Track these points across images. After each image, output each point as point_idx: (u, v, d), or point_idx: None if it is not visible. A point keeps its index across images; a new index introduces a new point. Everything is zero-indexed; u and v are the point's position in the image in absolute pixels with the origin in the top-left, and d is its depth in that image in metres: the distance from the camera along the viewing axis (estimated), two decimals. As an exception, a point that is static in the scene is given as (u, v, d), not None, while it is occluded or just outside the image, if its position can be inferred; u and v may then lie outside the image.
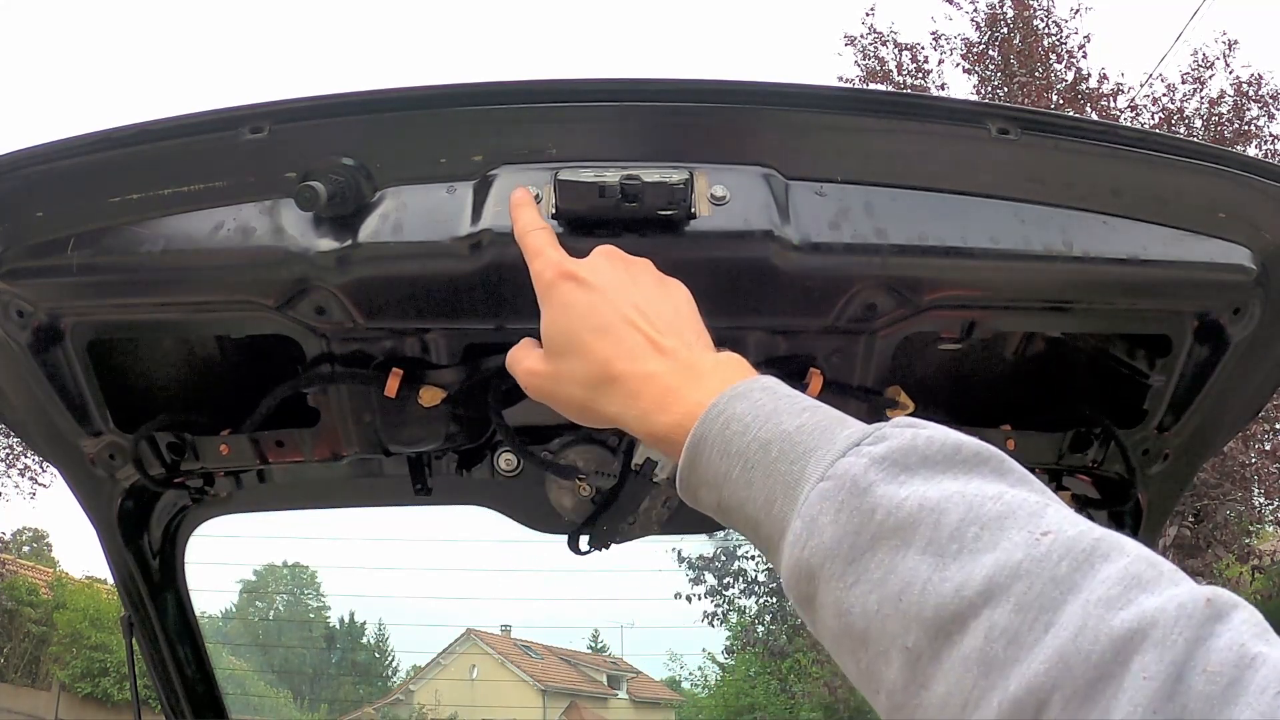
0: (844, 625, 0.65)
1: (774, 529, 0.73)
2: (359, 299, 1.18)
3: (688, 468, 0.80)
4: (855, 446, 0.69)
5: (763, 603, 17.90)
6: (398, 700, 28.78)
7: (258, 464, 1.53)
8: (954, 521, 0.62)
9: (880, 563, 0.64)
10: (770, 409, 0.77)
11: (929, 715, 0.60)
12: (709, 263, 1.14)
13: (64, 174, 1.18)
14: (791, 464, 0.72)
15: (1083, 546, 0.58)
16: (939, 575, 0.61)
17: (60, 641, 22.66)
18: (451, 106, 1.18)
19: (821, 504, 0.68)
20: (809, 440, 0.73)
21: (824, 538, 0.67)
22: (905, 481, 0.66)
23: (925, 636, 0.60)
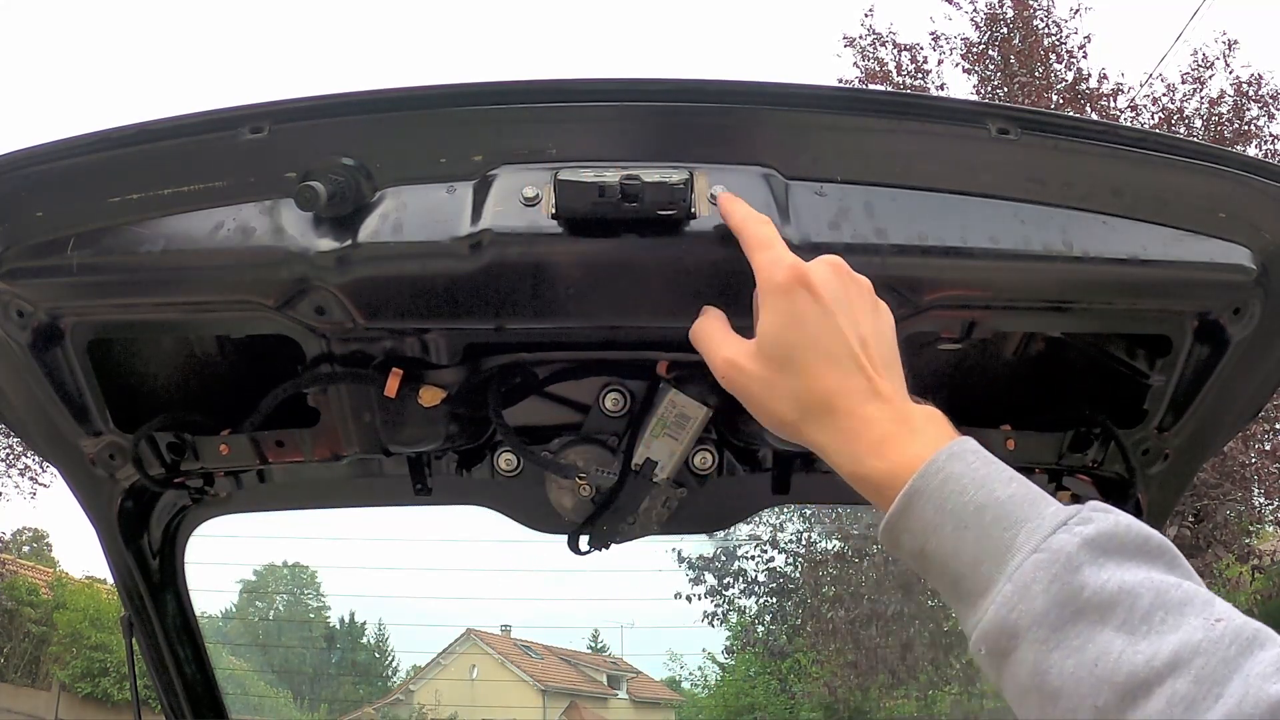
0: (1037, 682, 0.75)
1: (975, 587, 0.81)
2: (359, 299, 1.18)
3: (899, 515, 0.86)
4: (1064, 525, 0.78)
5: (763, 603, 17.89)
6: (398, 700, 28.77)
7: (258, 464, 1.53)
8: (1145, 605, 0.74)
9: (1080, 633, 0.74)
10: (984, 475, 0.84)
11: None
12: (709, 263, 1.14)
13: (64, 174, 1.18)
14: (1004, 531, 0.80)
15: (1246, 635, 0.71)
16: (1132, 649, 0.72)
17: (60, 641, 22.65)
18: (451, 106, 1.18)
19: (1035, 573, 0.77)
20: (1019, 511, 0.81)
21: (1035, 604, 0.76)
22: (1104, 565, 0.76)
23: (1115, 698, 0.71)
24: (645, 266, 1.15)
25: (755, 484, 1.65)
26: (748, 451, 1.58)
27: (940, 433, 0.90)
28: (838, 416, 0.92)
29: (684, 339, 1.41)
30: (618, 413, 1.48)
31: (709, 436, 1.51)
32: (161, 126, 1.16)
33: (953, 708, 17.51)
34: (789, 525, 16.92)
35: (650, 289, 1.18)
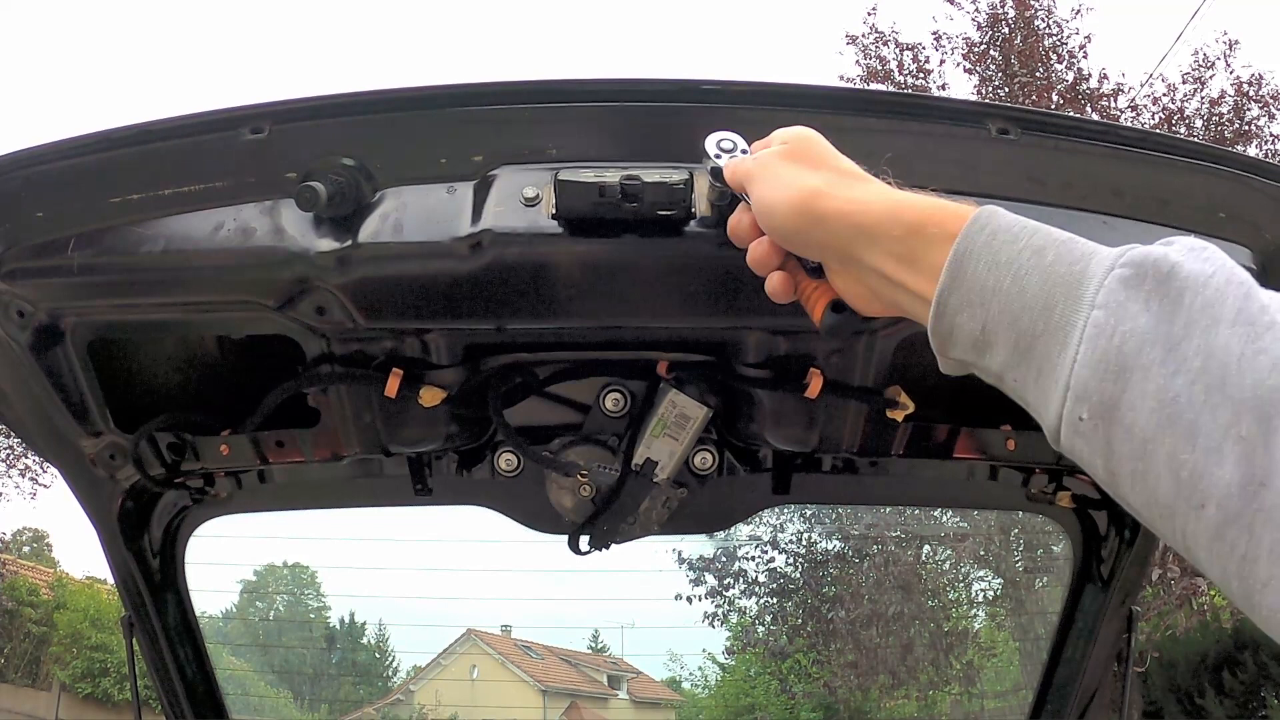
0: (1167, 419, 0.60)
1: (1054, 336, 0.66)
2: (359, 299, 1.18)
3: (948, 287, 0.74)
4: (1143, 246, 0.65)
5: (763, 603, 17.88)
6: (398, 700, 28.76)
7: (258, 464, 1.53)
8: (1264, 299, 0.60)
9: (1198, 348, 0.59)
10: (1035, 224, 0.72)
11: (1273, 520, 0.55)
12: (709, 263, 1.14)
13: (64, 174, 1.18)
14: (1072, 265, 0.67)
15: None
16: (1253, 347, 0.58)
17: (60, 642, 22.64)
18: (451, 106, 1.18)
19: (1125, 290, 0.63)
20: (1085, 247, 0.68)
21: (1138, 322, 0.62)
22: (1207, 260, 0.63)
23: (1255, 420, 0.56)
24: (645, 267, 1.15)
25: (755, 484, 1.65)
26: (748, 451, 1.58)
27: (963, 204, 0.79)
28: (872, 183, 0.85)
29: (684, 339, 1.41)
30: (618, 413, 1.48)
31: (709, 436, 1.51)
32: (162, 127, 1.16)
33: (953, 708, 17.50)
34: (789, 525, 16.92)
35: (650, 289, 1.18)
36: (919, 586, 15.90)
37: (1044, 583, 14.71)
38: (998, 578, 15.59)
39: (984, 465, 1.62)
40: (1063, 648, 1.84)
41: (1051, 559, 14.01)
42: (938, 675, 16.55)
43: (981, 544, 14.99)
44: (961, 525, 14.79)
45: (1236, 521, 0.56)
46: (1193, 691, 13.99)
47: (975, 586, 16.82)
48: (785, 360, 1.33)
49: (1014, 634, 16.34)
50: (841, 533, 16.45)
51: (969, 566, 16.02)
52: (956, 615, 16.74)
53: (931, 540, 16.08)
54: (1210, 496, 0.58)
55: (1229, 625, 12.36)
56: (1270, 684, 13.37)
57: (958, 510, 12.55)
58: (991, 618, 17.03)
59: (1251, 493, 0.56)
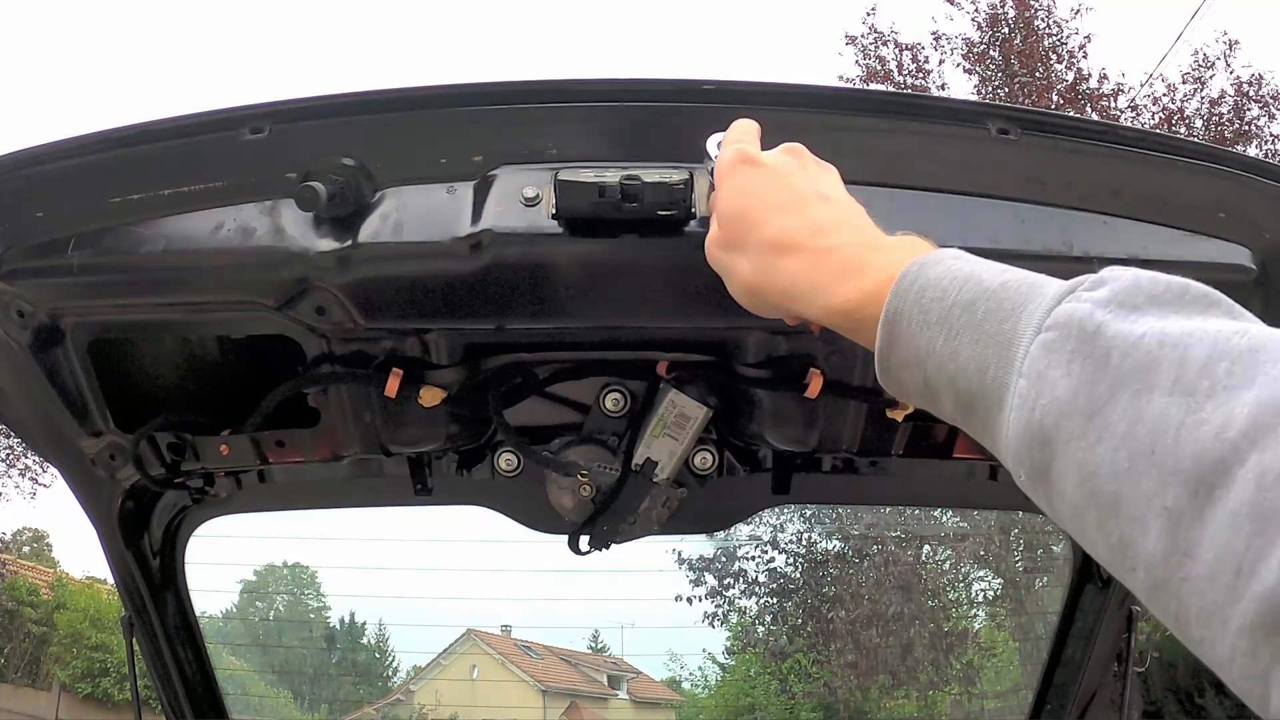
0: (1089, 492, 0.58)
1: (990, 399, 0.65)
2: (359, 299, 1.18)
3: (885, 348, 0.73)
4: (1071, 294, 0.62)
5: (763, 603, 17.89)
6: (398, 700, 28.76)
7: (258, 464, 1.53)
8: (1201, 357, 0.55)
9: (1124, 412, 0.56)
10: (967, 272, 0.70)
11: (1197, 589, 0.53)
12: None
13: (64, 174, 1.18)
14: (1001, 322, 0.65)
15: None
16: (1193, 418, 0.53)
17: (60, 642, 22.65)
18: (451, 106, 1.18)
19: (1047, 357, 0.61)
20: (1016, 296, 0.66)
21: (1057, 392, 0.60)
22: (1137, 320, 0.59)
23: (1186, 492, 0.52)
24: (645, 267, 1.15)
25: (755, 484, 1.65)
26: (748, 451, 1.58)
27: (914, 248, 0.76)
28: (797, 252, 0.83)
29: (684, 339, 1.41)
30: (618, 413, 1.48)
31: (709, 436, 1.51)
32: (162, 127, 1.16)
33: (953, 708, 17.51)
34: (789, 525, 16.92)
35: (650, 289, 1.18)
36: (919, 586, 15.90)
37: (1044, 583, 14.72)
38: (998, 578, 15.60)
39: (984, 465, 1.62)
40: (1063, 648, 1.84)
41: (1051, 559, 14.01)
42: (938, 675, 16.56)
43: (981, 544, 15.00)
44: (961, 525, 14.79)
45: (1164, 588, 0.55)
46: (1193, 691, 13.99)
47: (975, 586, 16.84)
48: (785, 360, 1.33)
49: (1014, 634, 16.35)
50: (841, 533, 16.45)
51: (969, 566, 16.03)
52: (956, 615, 16.75)
53: (931, 540, 16.08)
54: (1139, 563, 0.57)
55: (1229, 625, 12.35)
56: (1270, 684, 13.34)
57: (958, 510, 12.55)
58: (991, 618, 17.03)
59: (1176, 563, 0.54)
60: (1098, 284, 0.62)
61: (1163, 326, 0.58)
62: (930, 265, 0.72)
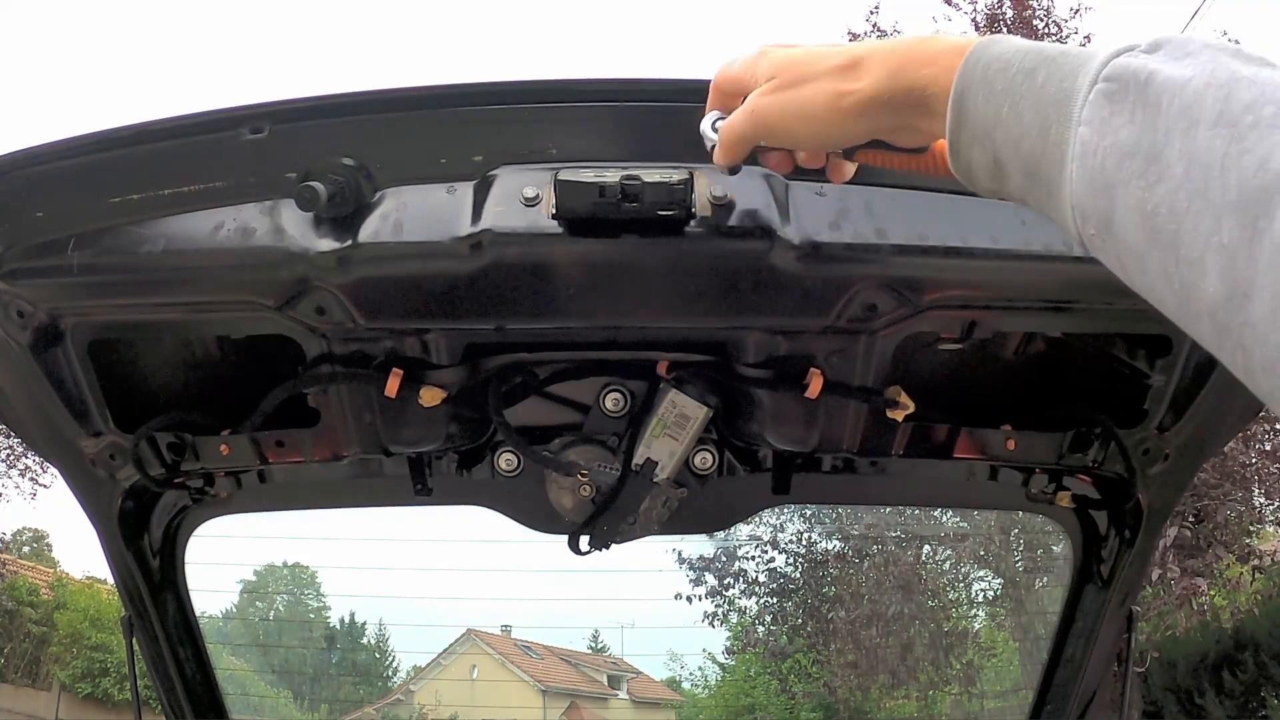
0: (1151, 232, 0.58)
1: (1054, 157, 0.66)
2: (359, 299, 1.18)
3: (956, 126, 0.74)
4: (1127, 50, 0.64)
5: (763, 603, 17.89)
6: (398, 700, 28.76)
7: (258, 464, 1.53)
8: (1246, 98, 0.56)
9: (1180, 153, 0.57)
10: (1029, 45, 0.71)
11: (1259, 334, 0.53)
12: (709, 263, 1.14)
13: (64, 174, 1.18)
14: (1061, 81, 0.66)
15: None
16: (1236, 148, 0.54)
17: (60, 642, 22.64)
18: (451, 106, 1.18)
19: (1109, 105, 0.62)
20: (1075, 59, 0.67)
21: (1119, 137, 0.61)
22: (1188, 64, 0.60)
23: (1238, 225, 0.53)
24: (645, 267, 1.15)
25: (755, 484, 1.65)
26: (748, 451, 1.58)
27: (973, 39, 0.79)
28: (871, 55, 0.83)
29: (684, 339, 1.40)
30: (618, 413, 1.48)
31: (709, 436, 1.51)
32: (162, 127, 1.16)
33: (953, 708, 17.51)
34: (789, 525, 16.92)
35: (650, 289, 1.18)
36: (919, 586, 15.89)
37: (1044, 583, 14.72)
38: (998, 578, 15.60)
39: (984, 465, 1.62)
40: (1063, 648, 1.84)
41: (1051, 559, 14.01)
42: (938, 675, 16.55)
43: (981, 544, 15.00)
44: (961, 525, 14.79)
45: (1228, 334, 0.56)
46: (1193, 691, 13.98)
47: (975, 586, 16.83)
48: (785, 360, 1.33)
49: (1014, 634, 16.35)
50: (841, 533, 16.45)
51: (969, 566, 16.02)
52: (956, 615, 16.74)
53: (931, 540, 16.08)
54: (1202, 309, 0.57)
55: (1229, 625, 12.36)
56: (1270, 684, 13.37)
57: (958, 510, 12.55)
58: (991, 618, 17.03)
59: (1237, 305, 0.54)
60: (1154, 43, 0.64)
61: (1212, 69, 0.59)
62: (994, 43, 0.74)
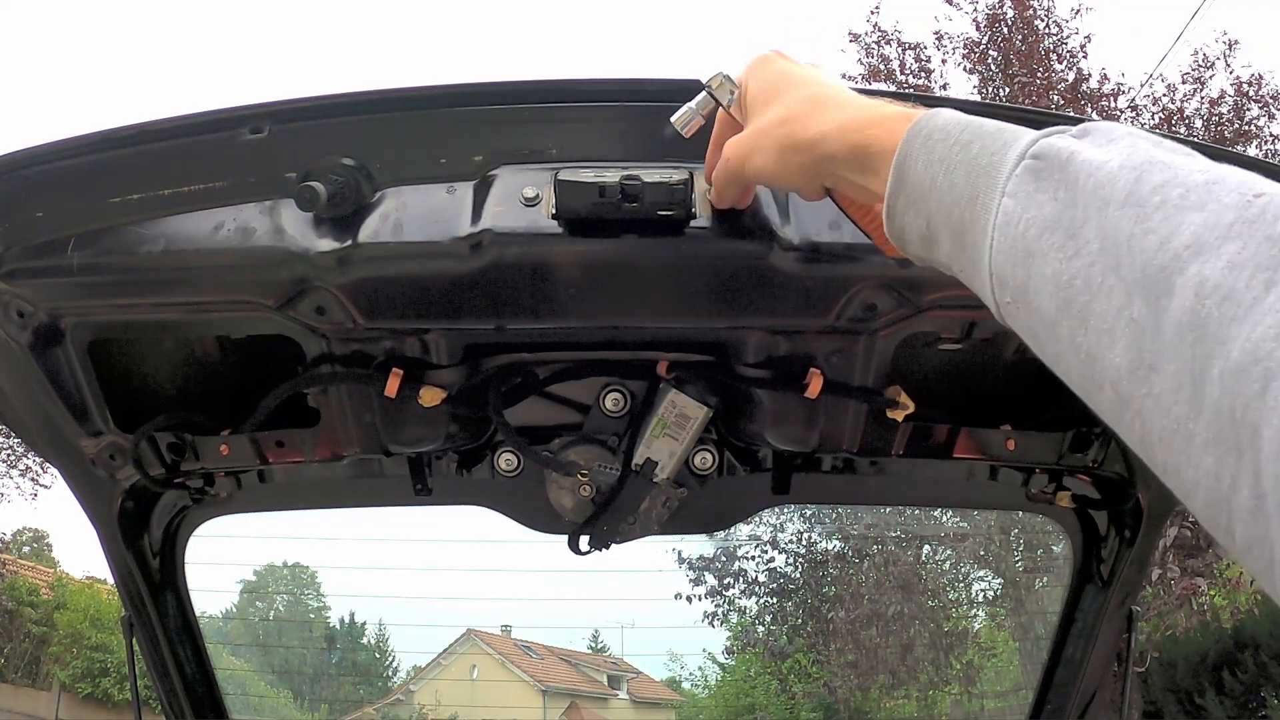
0: (1064, 301, 0.61)
1: (977, 226, 0.70)
2: (359, 299, 1.18)
3: (895, 190, 0.78)
4: (1057, 132, 0.67)
5: (763, 603, 17.89)
6: (398, 700, 28.75)
7: (258, 464, 1.53)
8: (1157, 180, 0.59)
9: (1094, 231, 0.60)
10: (969, 119, 0.76)
11: (1160, 405, 0.54)
12: (709, 263, 1.14)
13: (64, 174, 1.18)
14: (992, 155, 0.70)
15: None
16: (1141, 228, 0.57)
17: (60, 642, 22.64)
18: (451, 106, 1.18)
19: (1033, 179, 0.66)
20: (1009, 134, 0.71)
21: (1042, 210, 0.64)
22: (1109, 149, 0.64)
23: (1144, 302, 0.55)
24: (645, 267, 1.15)
25: (755, 484, 1.65)
26: (748, 451, 1.58)
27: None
28: (826, 103, 0.88)
29: (684, 339, 1.40)
30: (618, 413, 1.48)
31: (709, 436, 1.51)
32: (161, 127, 1.16)
33: (953, 708, 17.50)
34: (789, 525, 16.92)
35: (650, 289, 1.18)
36: (919, 586, 15.89)
37: (1044, 583, 14.71)
38: (998, 578, 15.59)
39: (984, 465, 1.62)
40: (1063, 648, 1.84)
41: (1051, 559, 14.01)
42: (938, 675, 16.55)
43: (981, 544, 14.99)
44: (961, 525, 14.79)
45: (1129, 405, 0.57)
46: (1193, 691, 13.98)
47: (975, 586, 16.83)
48: (785, 360, 1.33)
49: (1014, 634, 16.34)
50: (841, 533, 16.45)
51: (969, 566, 16.02)
52: (956, 615, 16.74)
53: (931, 540, 16.08)
54: (1106, 379, 0.59)
55: (1229, 625, 12.35)
56: (1270, 684, 13.37)
57: (958, 510, 12.55)
58: (991, 618, 17.03)
59: (1141, 377, 0.56)
60: (1083, 129, 0.67)
61: (1129, 153, 0.62)
62: (938, 114, 0.78)
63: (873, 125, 0.83)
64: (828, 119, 0.87)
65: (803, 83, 0.93)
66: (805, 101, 0.90)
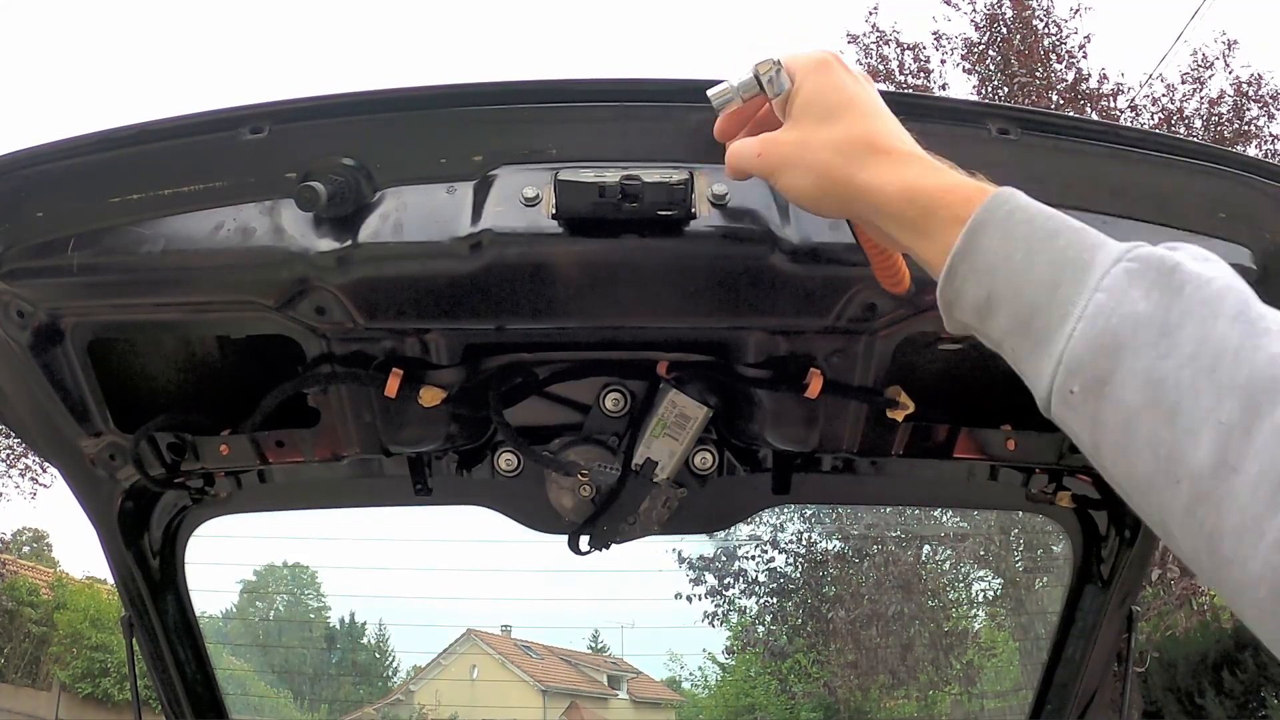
0: (1152, 398, 0.63)
1: (1054, 313, 0.71)
2: (359, 299, 1.18)
3: (961, 253, 0.78)
4: (1149, 245, 0.70)
5: (763, 603, 17.89)
6: (398, 700, 28.75)
7: (258, 464, 1.53)
8: (1262, 309, 0.64)
9: (1192, 335, 0.63)
10: (1052, 210, 0.76)
11: (1238, 503, 0.59)
12: (709, 263, 1.14)
13: (64, 174, 1.18)
14: (1080, 252, 0.72)
15: None
16: (1252, 342, 0.61)
17: (60, 642, 22.64)
18: (451, 106, 1.18)
19: (1129, 279, 0.68)
20: (1096, 238, 0.73)
21: (1136, 308, 0.66)
22: (1209, 268, 0.67)
23: (1240, 407, 0.59)
24: (645, 266, 1.15)
25: (755, 484, 1.65)
26: (748, 451, 1.58)
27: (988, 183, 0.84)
28: (886, 154, 0.87)
29: (684, 339, 1.40)
30: (618, 413, 1.48)
31: (709, 436, 1.51)
32: (162, 127, 1.16)
33: (953, 708, 17.51)
34: (789, 525, 16.92)
35: (650, 289, 1.17)
36: (919, 586, 15.89)
37: (1044, 583, 14.72)
38: (998, 578, 15.60)
39: (984, 465, 1.62)
40: (1063, 648, 1.84)
41: (1051, 559, 14.01)
42: (938, 675, 16.56)
43: (981, 544, 14.99)
44: (961, 525, 14.79)
45: (1206, 500, 0.60)
46: (1193, 691, 13.99)
47: (975, 586, 16.83)
48: (785, 360, 1.33)
49: (1014, 634, 16.35)
50: (841, 533, 16.45)
51: (969, 566, 16.02)
52: (956, 615, 16.74)
53: (931, 540, 16.08)
54: (1184, 475, 0.62)
55: (1229, 625, 12.36)
56: (1270, 684, 13.37)
57: (958, 510, 12.55)
58: (991, 618, 17.03)
59: (1223, 475, 0.59)
60: (1175, 245, 0.70)
61: (1232, 278, 0.67)
62: (1020, 195, 0.79)
63: (943, 193, 0.82)
64: (888, 172, 0.86)
65: (861, 110, 0.90)
66: (863, 138, 0.88)
